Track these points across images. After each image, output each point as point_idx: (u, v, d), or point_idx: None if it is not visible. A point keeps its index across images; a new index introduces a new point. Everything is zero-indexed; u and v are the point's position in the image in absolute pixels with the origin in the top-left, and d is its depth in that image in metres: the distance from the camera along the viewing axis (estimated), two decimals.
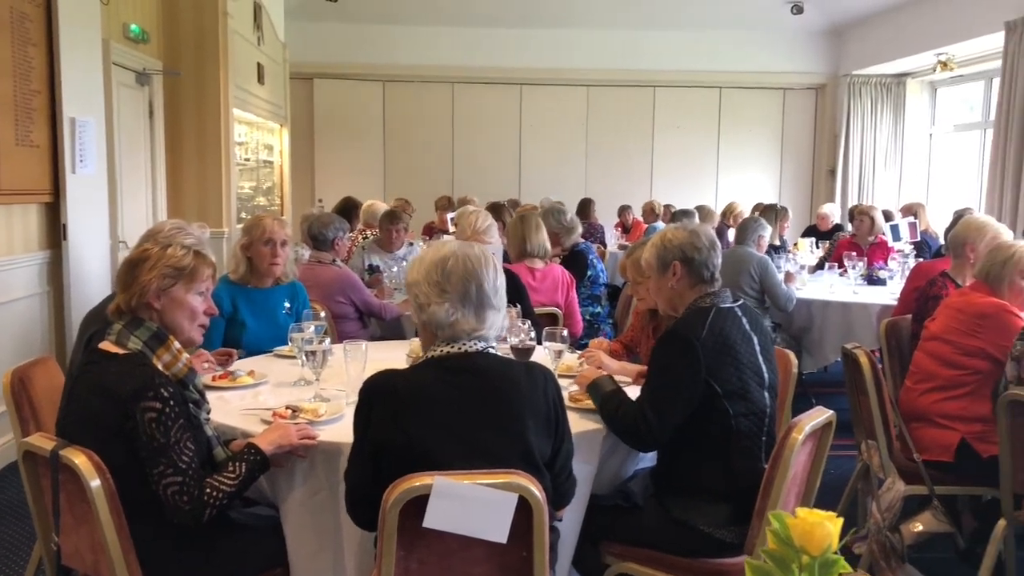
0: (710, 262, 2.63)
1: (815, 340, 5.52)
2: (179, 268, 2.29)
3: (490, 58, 10.95)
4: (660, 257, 2.68)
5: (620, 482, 2.74)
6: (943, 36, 8.93)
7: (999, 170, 7.80)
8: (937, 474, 3.25)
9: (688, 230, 2.69)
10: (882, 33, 10.15)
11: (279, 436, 2.32)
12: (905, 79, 10.73)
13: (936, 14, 8.95)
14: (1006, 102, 7.71)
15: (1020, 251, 3.28)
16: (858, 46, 10.81)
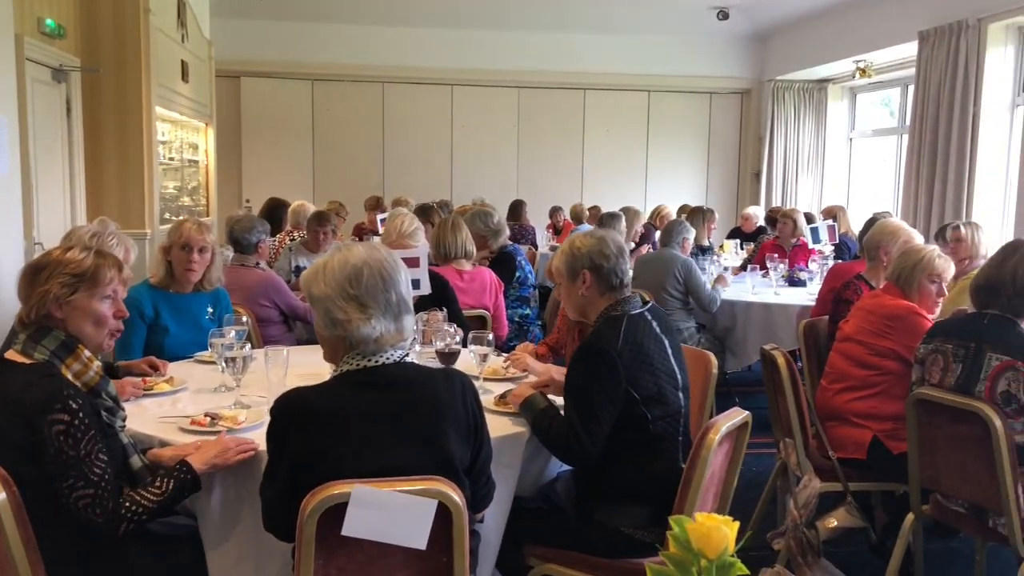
0: (618, 269, 2.64)
1: (738, 340, 5.65)
2: (78, 274, 2.16)
3: (421, 58, 10.90)
4: (569, 265, 2.68)
5: (543, 484, 2.77)
6: (861, 44, 9.21)
7: (914, 174, 8.08)
8: (851, 471, 3.36)
9: (596, 237, 2.69)
10: (804, 40, 10.43)
11: (216, 456, 2.22)
12: (826, 85, 11.04)
13: (855, 23, 9.23)
14: (920, 108, 7.99)
15: (929, 255, 3.41)
16: (781, 52, 11.09)
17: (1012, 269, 2.85)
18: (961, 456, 2.88)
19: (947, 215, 7.45)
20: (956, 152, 7.47)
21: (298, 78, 10.95)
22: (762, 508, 3.85)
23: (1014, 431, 2.76)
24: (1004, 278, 2.85)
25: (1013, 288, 2.83)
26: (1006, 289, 2.85)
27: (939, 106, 7.69)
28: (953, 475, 2.95)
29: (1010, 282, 2.84)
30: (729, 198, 12.02)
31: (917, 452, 3.03)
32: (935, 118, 7.75)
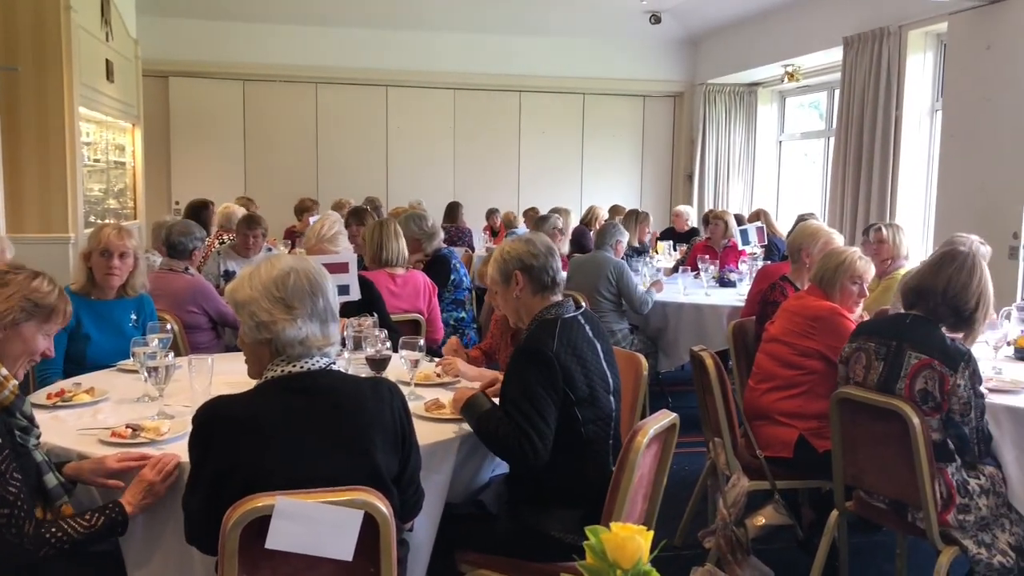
0: (549, 267, 2.68)
1: (670, 341, 5.71)
2: (41, 306, 2.19)
3: (355, 59, 10.79)
4: (501, 270, 2.72)
5: (475, 490, 2.76)
6: (789, 49, 9.42)
7: (840, 176, 8.28)
8: (778, 469, 3.43)
9: (523, 240, 2.74)
10: (734, 45, 10.62)
11: (146, 495, 2.18)
12: (756, 89, 11.26)
13: (783, 28, 9.43)
14: (845, 112, 8.20)
15: (851, 257, 3.50)
16: (713, 56, 11.27)
17: (946, 279, 2.91)
18: (882, 453, 2.96)
19: (872, 216, 7.66)
20: (880, 155, 7.69)
21: (229, 78, 10.74)
22: (693, 507, 3.91)
23: (931, 428, 2.84)
24: (937, 285, 2.91)
25: (943, 297, 2.90)
26: (935, 296, 2.91)
27: (863, 110, 7.90)
28: (875, 472, 3.03)
29: (941, 291, 2.91)
30: (663, 199, 12.18)
31: (840, 450, 3.11)
32: (860, 121, 7.96)
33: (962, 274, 2.90)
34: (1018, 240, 5.81)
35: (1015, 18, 5.81)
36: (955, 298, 2.89)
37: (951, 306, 2.90)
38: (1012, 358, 3.72)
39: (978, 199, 6.19)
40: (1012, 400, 3.09)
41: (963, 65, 6.40)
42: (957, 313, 2.91)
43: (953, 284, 2.90)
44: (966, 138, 6.35)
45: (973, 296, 2.89)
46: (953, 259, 2.95)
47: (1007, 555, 2.85)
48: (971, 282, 2.89)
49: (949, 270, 2.92)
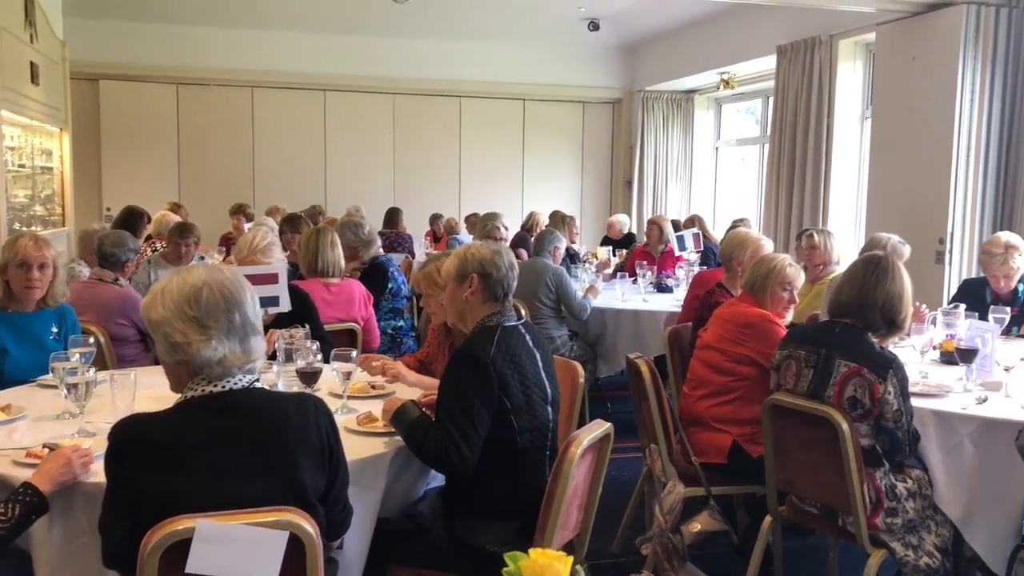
0: (506, 282, 2.69)
1: (609, 347, 5.74)
2: None
3: (292, 63, 10.64)
4: (460, 268, 2.71)
5: (409, 504, 2.72)
6: (725, 57, 9.55)
7: (774, 181, 8.43)
8: (713, 475, 3.45)
9: (492, 249, 2.74)
10: (671, 52, 10.74)
11: (58, 469, 2.10)
12: (693, 95, 11.40)
13: (718, 36, 9.57)
14: (779, 119, 8.35)
15: (780, 264, 3.55)
16: (650, 63, 11.38)
17: (884, 293, 2.96)
18: (813, 459, 3.00)
19: (805, 221, 7.80)
20: (812, 161, 7.84)
21: (162, 82, 10.50)
22: (631, 513, 3.92)
23: (860, 434, 2.89)
24: (874, 302, 2.96)
25: (881, 309, 2.96)
26: (874, 311, 2.96)
27: (796, 117, 8.06)
28: (806, 477, 3.07)
29: (880, 305, 2.96)
30: (603, 205, 12.26)
31: (773, 456, 3.14)
32: (793, 128, 8.11)
33: (896, 285, 2.97)
34: (944, 245, 5.97)
35: (939, 30, 5.98)
36: (892, 310, 2.96)
37: (887, 317, 2.97)
38: (938, 362, 3.80)
39: (906, 205, 6.35)
40: (938, 404, 3.15)
41: (890, 74, 6.56)
42: (891, 322, 2.98)
43: (891, 296, 2.96)
44: (894, 146, 6.51)
45: (905, 305, 2.97)
46: (875, 267, 3.01)
47: (933, 556, 2.91)
48: (903, 292, 2.98)
49: (885, 283, 2.96)
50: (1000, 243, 4.44)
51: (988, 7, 5.84)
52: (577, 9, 10.14)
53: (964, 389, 3.33)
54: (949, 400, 3.20)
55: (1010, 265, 4.40)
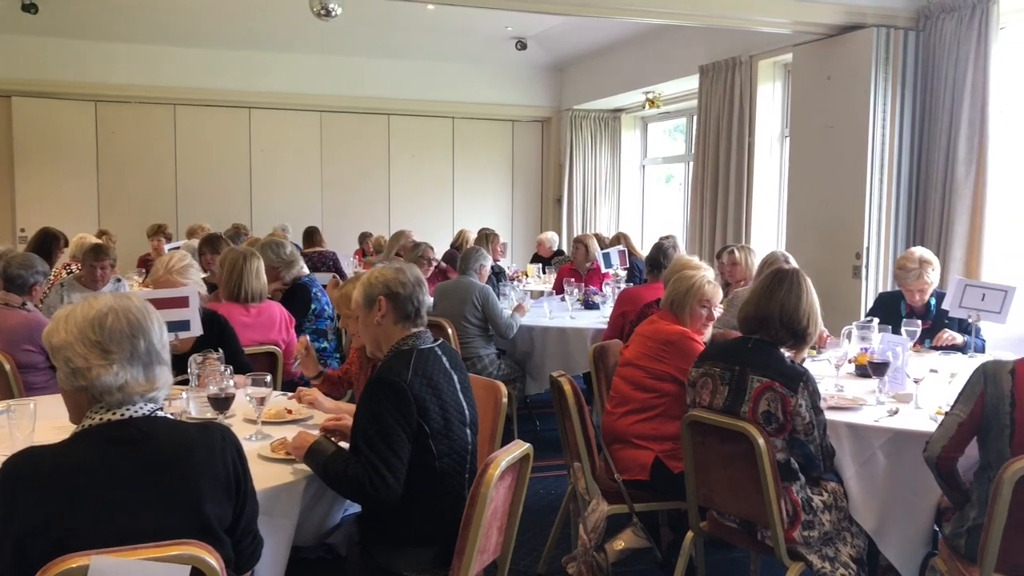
0: (415, 298, 2.65)
1: (537, 364, 5.74)
2: None
3: (216, 80, 10.45)
4: (366, 294, 2.67)
5: (325, 532, 2.66)
6: (649, 76, 9.70)
7: (699, 199, 8.57)
8: (636, 492, 3.46)
9: (394, 268, 2.71)
10: (598, 71, 10.87)
11: None
12: (620, 114, 11.55)
13: (643, 56, 9.71)
14: (703, 137, 8.50)
15: (699, 281, 3.59)
16: (577, 83, 11.50)
17: (779, 304, 3.03)
18: (731, 474, 3.03)
19: (729, 237, 7.94)
20: (735, 179, 7.99)
21: (79, 99, 10.20)
22: (556, 532, 3.90)
23: (776, 448, 2.93)
24: (772, 312, 3.03)
25: (780, 320, 3.03)
26: (774, 322, 3.03)
27: (719, 135, 8.21)
28: (725, 492, 3.10)
29: (777, 316, 3.03)
30: (534, 222, 12.30)
31: (693, 471, 3.16)
32: (716, 147, 8.27)
33: (791, 296, 3.04)
34: (860, 260, 6.13)
35: (851, 51, 6.16)
36: (790, 320, 3.02)
37: (788, 328, 3.02)
38: (853, 375, 3.89)
39: (824, 222, 6.51)
40: (852, 417, 3.22)
41: (806, 94, 6.73)
42: (794, 333, 3.04)
43: (786, 307, 3.02)
44: (811, 164, 6.68)
45: (804, 315, 3.03)
46: (781, 282, 3.08)
47: (849, 567, 2.96)
48: (800, 302, 3.04)
49: (779, 295, 3.04)
50: (915, 258, 4.58)
51: (897, 30, 6.04)
52: (504, 28, 10.19)
53: (877, 402, 3.42)
54: (862, 413, 3.27)
55: (924, 280, 4.54)
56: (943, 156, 5.90)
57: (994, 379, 2.71)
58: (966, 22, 5.71)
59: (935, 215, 5.99)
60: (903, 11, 6.14)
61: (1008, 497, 2.49)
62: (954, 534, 2.82)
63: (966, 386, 2.79)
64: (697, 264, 4.47)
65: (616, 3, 5.96)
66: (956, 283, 4.36)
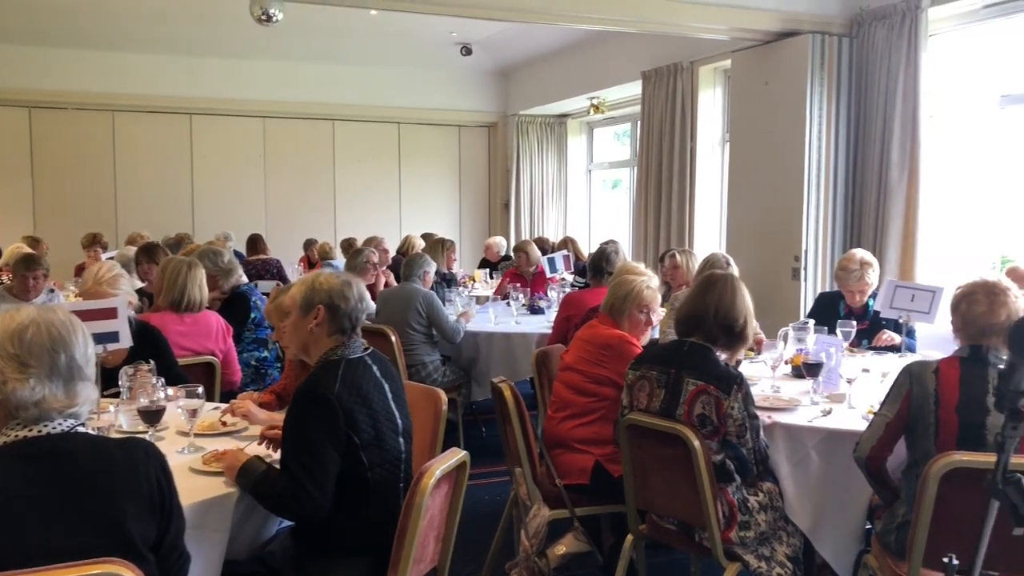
0: (354, 315, 2.62)
1: (482, 370, 5.72)
2: None
3: (155, 86, 10.27)
4: (307, 297, 2.63)
5: (260, 545, 2.62)
6: (594, 82, 9.78)
7: (643, 203, 8.65)
8: (577, 497, 3.47)
9: (342, 279, 2.66)
10: (543, 77, 10.92)
11: None
12: (566, 119, 11.62)
13: (587, 62, 9.78)
14: (646, 142, 8.58)
15: (638, 287, 3.62)
16: (523, 88, 11.54)
17: (714, 302, 3.08)
18: (668, 476, 3.05)
19: (672, 241, 8.03)
20: (678, 184, 8.08)
21: (13, 105, 9.95)
22: (499, 538, 3.89)
23: (711, 451, 2.96)
24: (707, 310, 3.08)
25: (714, 319, 3.07)
26: (707, 321, 3.07)
27: (662, 141, 8.30)
28: (663, 495, 3.12)
29: (712, 315, 3.07)
30: (481, 227, 12.31)
31: (631, 474, 3.18)
32: (659, 152, 8.35)
33: (726, 294, 3.09)
34: (799, 262, 6.24)
35: (788, 57, 6.27)
36: (725, 318, 3.06)
37: (723, 326, 3.06)
38: (789, 376, 3.95)
39: (763, 225, 6.61)
40: (787, 417, 3.27)
41: (745, 100, 6.84)
42: (729, 332, 3.07)
43: (721, 305, 3.07)
44: (750, 168, 6.78)
45: (740, 313, 3.07)
46: (713, 284, 3.13)
47: (784, 566, 3.00)
48: (735, 300, 3.08)
49: (714, 293, 3.09)
50: (856, 260, 4.67)
51: (831, 36, 6.17)
52: (449, 34, 10.18)
53: (811, 402, 3.48)
54: (797, 413, 3.32)
55: (865, 281, 4.63)
56: (877, 160, 6.03)
57: (919, 379, 2.77)
58: (897, 29, 5.85)
59: (871, 217, 6.12)
60: (837, 18, 6.28)
61: (934, 493, 2.54)
62: (885, 531, 2.88)
63: (893, 387, 2.85)
64: (641, 270, 4.50)
65: (558, 10, 5.99)
66: (887, 284, 4.47)
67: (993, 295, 2.79)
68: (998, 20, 5.68)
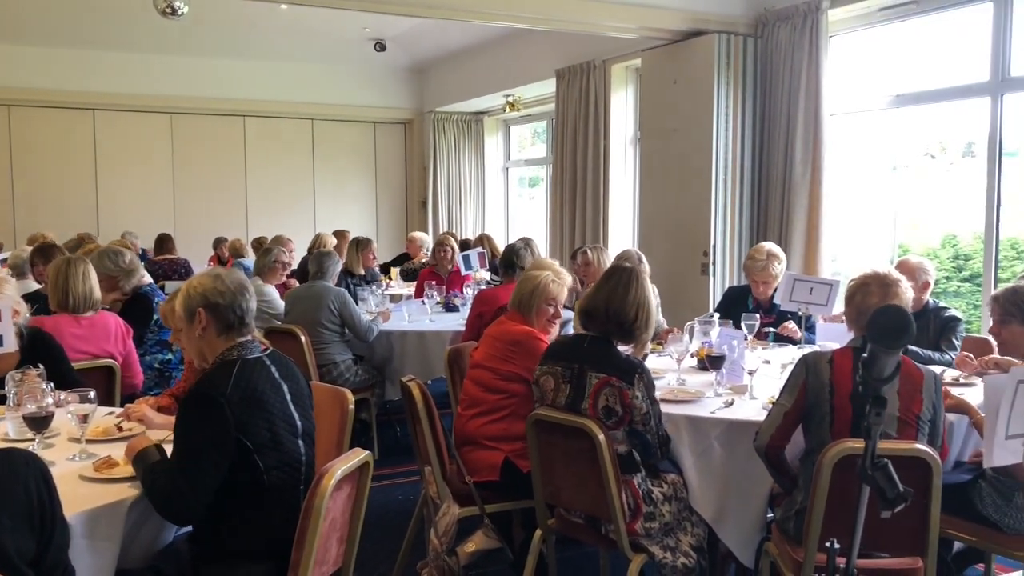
0: (236, 306, 2.55)
1: (396, 369, 5.66)
2: None
3: (55, 80, 9.88)
4: (186, 306, 2.57)
5: (157, 552, 2.54)
6: (509, 80, 9.80)
7: (558, 200, 8.70)
8: (487, 493, 3.47)
9: (212, 275, 2.60)
10: (458, 74, 10.89)
11: None
12: (482, 117, 11.61)
13: (502, 60, 9.79)
14: (560, 140, 8.64)
15: (544, 281, 3.64)
16: (439, 85, 11.50)
17: (605, 297, 3.12)
18: (575, 470, 3.07)
19: (587, 239, 8.10)
20: (592, 181, 8.16)
21: None
22: (411, 538, 3.86)
23: (616, 441, 2.99)
24: (599, 305, 3.12)
25: (606, 314, 3.11)
26: (600, 315, 3.11)
27: (576, 138, 8.36)
28: (570, 489, 3.14)
29: (603, 309, 3.11)
30: (399, 225, 12.22)
31: (539, 469, 3.20)
32: (573, 150, 8.41)
33: (619, 290, 3.13)
34: (708, 258, 6.36)
35: (695, 56, 6.39)
36: (617, 313, 3.10)
37: (615, 321, 3.10)
38: (695, 369, 4.02)
39: (673, 222, 6.73)
40: (691, 410, 3.33)
41: (655, 98, 6.94)
42: (621, 327, 3.12)
43: (612, 302, 3.11)
44: (660, 166, 6.89)
45: (631, 308, 3.11)
46: (610, 278, 3.17)
47: (689, 556, 3.05)
48: (627, 296, 3.12)
49: (607, 288, 3.13)
50: (763, 251, 4.82)
51: (736, 36, 6.31)
52: (362, 30, 10.07)
53: (715, 394, 3.54)
54: (700, 405, 3.38)
55: (770, 271, 4.76)
56: (782, 157, 6.20)
57: (814, 369, 2.85)
58: (799, 29, 6.02)
59: (776, 213, 6.29)
60: (743, 18, 6.42)
61: (828, 480, 2.62)
62: (784, 518, 2.95)
63: (790, 377, 2.93)
64: (548, 264, 4.53)
65: (468, 7, 5.98)
66: (785, 278, 4.60)
67: (885, 286, 2.90)
68: (893, 23, 5.90)
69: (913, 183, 6.63)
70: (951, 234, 7.27)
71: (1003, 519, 2.95)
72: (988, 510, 3.01)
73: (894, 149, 6.28)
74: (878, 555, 2.78)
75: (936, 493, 2.61)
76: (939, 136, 6.75)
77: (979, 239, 5.84)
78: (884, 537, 2.68)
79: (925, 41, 5.98)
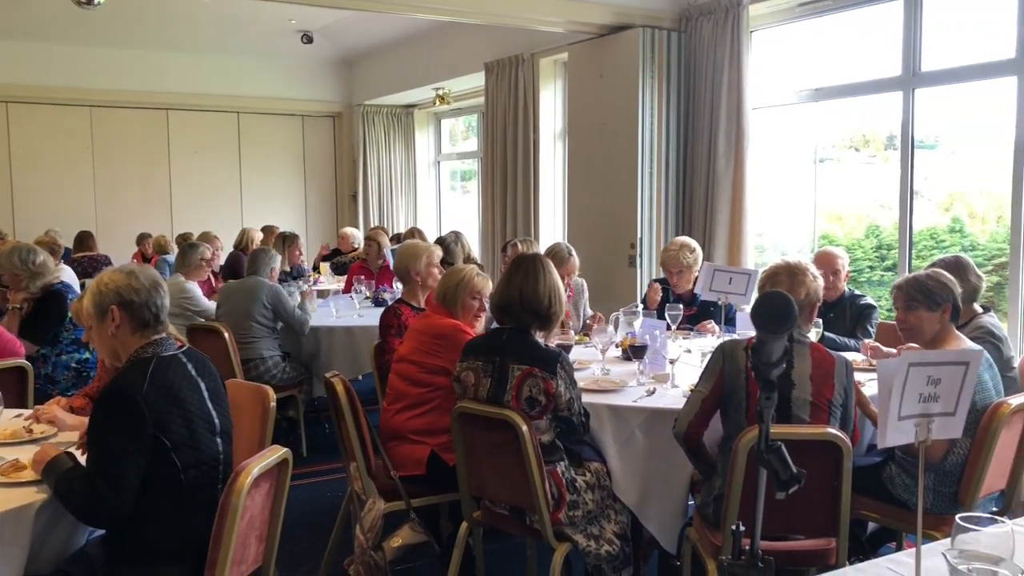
0: (151, 303, 2.49)
1: (324, 365, 5.59)
2: None
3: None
4: (97, 303, 2.50)
5: (69, 557, 2.47)
6: (438, 73, 9.74)
7: (490, 194, 8.70)
8: (414, 487, 3.46)
9: (125, 272, 2.53)
10: (388, 67, 10.79)
11: None
12: (413, 110, 11.54)
13: (431, 52, 9.74)
14: (490, 133, 8.64)
15: (469, 274, 3.64)
16: (368, 78, 11.38)
17: (518, 288, 3.15)
18: (499, 462, 3.08)
19: (519, 231, 8.12)
20: (522, 175, 8.18)
21: None
22: (337, 535, 3.83)
23: (539, 431, 3.02)
24: (512, 296, 3.15)
25: (520, 305, 3.13)
26: (515, 306, 3.14)
27: (506, 132, 8.37)
28: (494, 480, 3.16)
29: (517, 300, 3.14)
30: (329, 219, 12.08)
31: (464, 462, 3.20)
32: (504, 144, 8.42)
33: (528, 279, 3.17)
34: (635, 250, 6.44)
35: (621, 50, 6.45)
36: (531, 302, 3.14)
37: (530, 310, 3.14)
38: (620, 359, 4.07)
39: (601, 215, 6.78)
40: (614, 399, 3.37)
41: (581, 92, 6.99)
42: (537, 315, 3.15)
43: (525, 291, 3.14)
44: (587, 159, 6.94)
45: (544, 295, 3.16)
46: (518, 268, 3.21)
47: (613, 543, 3.09)
48: (539, 284, 3.17)
49: (517, 279, 3.16)
50: (676, 243, 4.94)
51: (661, 31, 6.39)
52: (288, 21, 9.91)
53: (639, 383, 3.59)
54: (623, 394, 3.43)
55: (681, 261, 4.86)
56: (706, 150, 6.30)
57: (731, 356, 2.92)
58: (721, 24, 6.12)
59: (700, 206, 6.39)
60: (667, 13, 6.50)
61: (743, 465, 2.68)
62: (703, 503, 3.01)
63: (708, 364, 2.99)
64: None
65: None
66: (705, 268, 4.70)
67: (794, 275, 2.98)
68: (811, 19, 6.05)
69: (837, 175, 6.80)
70: (874, 224, 7.47)
71: (912, 499, 3.06)
72: (898, 491, 3.12)
73: (816, 142, 6.43)
74: (794, 537, 2.86)
75: (847, 475, 2.69)
76: (861, 129, 6.93)
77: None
78: (798, 519, 2.76)
79: (842, 37, 6.14)
